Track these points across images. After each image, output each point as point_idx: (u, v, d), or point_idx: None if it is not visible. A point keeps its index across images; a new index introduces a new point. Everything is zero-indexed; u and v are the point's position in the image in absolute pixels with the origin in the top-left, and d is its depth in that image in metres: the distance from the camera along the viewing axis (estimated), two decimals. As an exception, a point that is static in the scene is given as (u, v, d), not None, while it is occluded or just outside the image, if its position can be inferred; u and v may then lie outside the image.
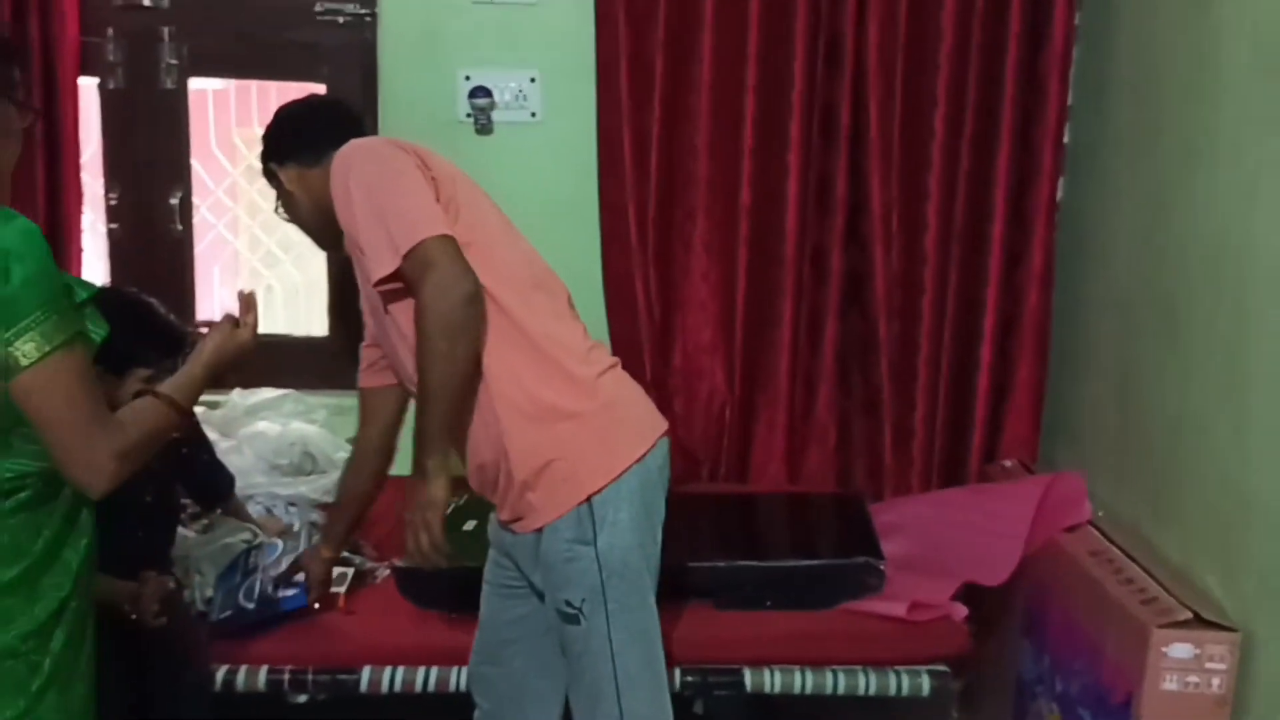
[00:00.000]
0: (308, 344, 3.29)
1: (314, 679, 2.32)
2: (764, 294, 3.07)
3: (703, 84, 2.97)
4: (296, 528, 2.78)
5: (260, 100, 3.40)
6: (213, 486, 2.67)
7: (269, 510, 2.85)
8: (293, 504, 2.92)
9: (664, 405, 3.09)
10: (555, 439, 1.91)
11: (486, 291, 1.88)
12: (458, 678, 2.30)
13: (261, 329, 1.95)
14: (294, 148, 2.11)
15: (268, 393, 3.12)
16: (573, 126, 3.08)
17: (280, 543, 2.67)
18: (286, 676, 2.32)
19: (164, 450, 2.42)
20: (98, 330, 1.63)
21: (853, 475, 3.16)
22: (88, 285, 1.64)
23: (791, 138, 2.96)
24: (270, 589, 2.39)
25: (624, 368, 2.10)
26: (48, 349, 1.47)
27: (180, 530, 2.59)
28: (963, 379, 3.06)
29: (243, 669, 2.32)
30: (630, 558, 1.91)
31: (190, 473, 2.58)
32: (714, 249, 3.07)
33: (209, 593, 2.50)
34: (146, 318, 2.31)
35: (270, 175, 2.16)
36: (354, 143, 2.01)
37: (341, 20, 3.09)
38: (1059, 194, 2.97)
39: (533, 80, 3.07)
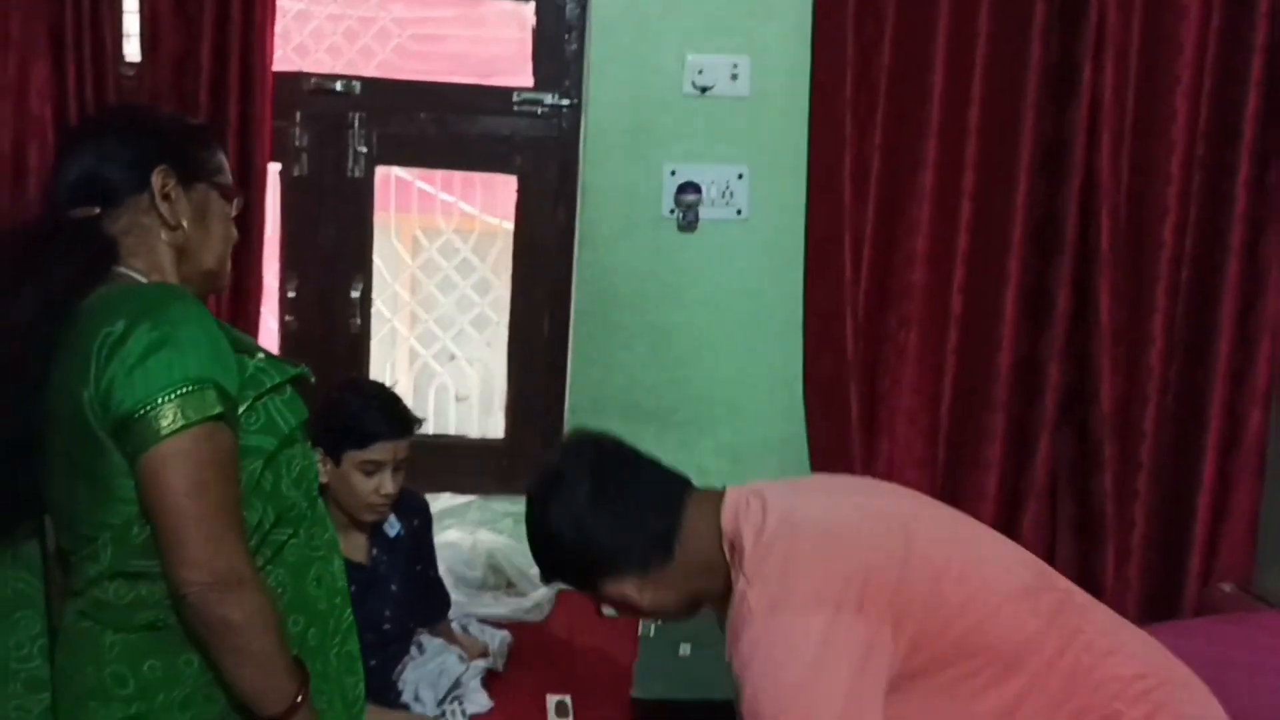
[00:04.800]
0: (485, 446, 3.12)
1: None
2: (973, 407, 2.95)
3: (925, 190, 2.86)
4: (494, 647, 2.61)
5: (444, 186, 3.26)
6: (435, 606, 2.48)
7: (464, 629, 2.66)
8: (484, 621, 2.73)
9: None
10: None
11: None
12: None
13: (436, 430, 1.79)
14: (618, 558, 1.66)
15: (449, 499, 2.94)
16: (780, 225, 2.96)
17: (484, 665, 2.52)
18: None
19: (403, 567, 2.31)
20: (287, 419, 1.49)
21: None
22: (283, 369, 1.51)
23: (1012, 243, 2.86)
24: None
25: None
26: (185, 422, 1.33)
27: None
28: (1183, 499, 2.94)
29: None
30: None
31: (420, 591, 2.40)
32: (926, 360, 2.94)
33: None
34: (365, 400, 2.25)
35: (594, 594, 1.75)
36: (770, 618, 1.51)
37: (540, 111, 2.98)
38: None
39: (740, 176, 2.96)
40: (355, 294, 2.98)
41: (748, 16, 2.91)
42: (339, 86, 2.93)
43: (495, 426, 3.14)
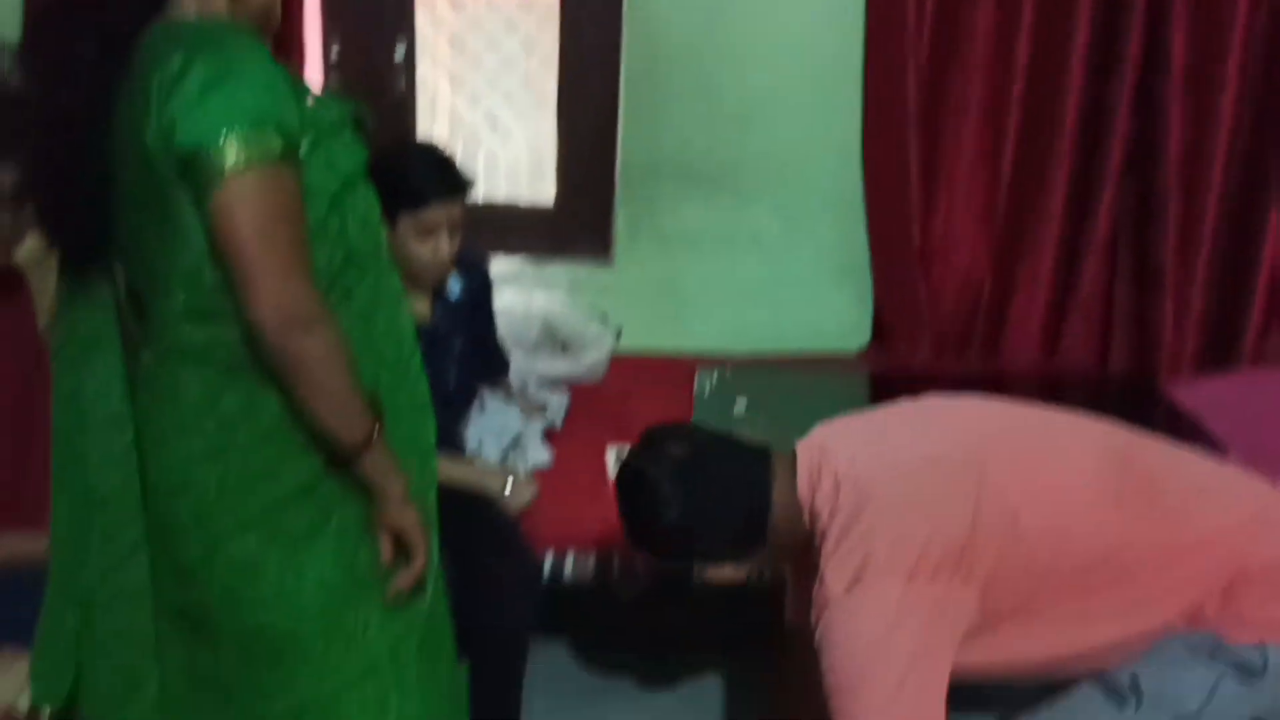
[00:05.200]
0: (535, 212, 3.10)
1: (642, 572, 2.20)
2: (1037, 158, 2.87)
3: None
4: (552, 406, 2.66)
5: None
6: (495, 365, 2.51)
7: (523, 388, 2.70)
8: (542, 381, 2.78)
9: (923, 273, 2.95)
10: None
11: None
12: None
13: (486, 196, 1.74)
14: (715, 552, 1.74)
15: (502, 262, 2.93)
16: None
17: (544, 422, 2.58)
18: (616, 564, 2.20)
19: (465, 328, 2.32)
20: (348, 160, 1.47)
21: (1115, 353, 3.00)
22: (340, 107, 1.48)
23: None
24: None
25: (884, 237, 1.90)
26: (249, 161, 1.32)
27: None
28: (1246, 251, 2.88)
29: (570, 555, 2.20)
30: None
31: (481, 351, 2.42)
32: (990, 109, 2.85)
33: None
34: (421, 159, 2.19)
35: None
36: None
37: None
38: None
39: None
40: (399, 57, 2.91)
41: None
42: None
43: (545, 193, 3.10)
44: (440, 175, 2.18)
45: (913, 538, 1.55)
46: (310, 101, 1.45)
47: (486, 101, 3.12)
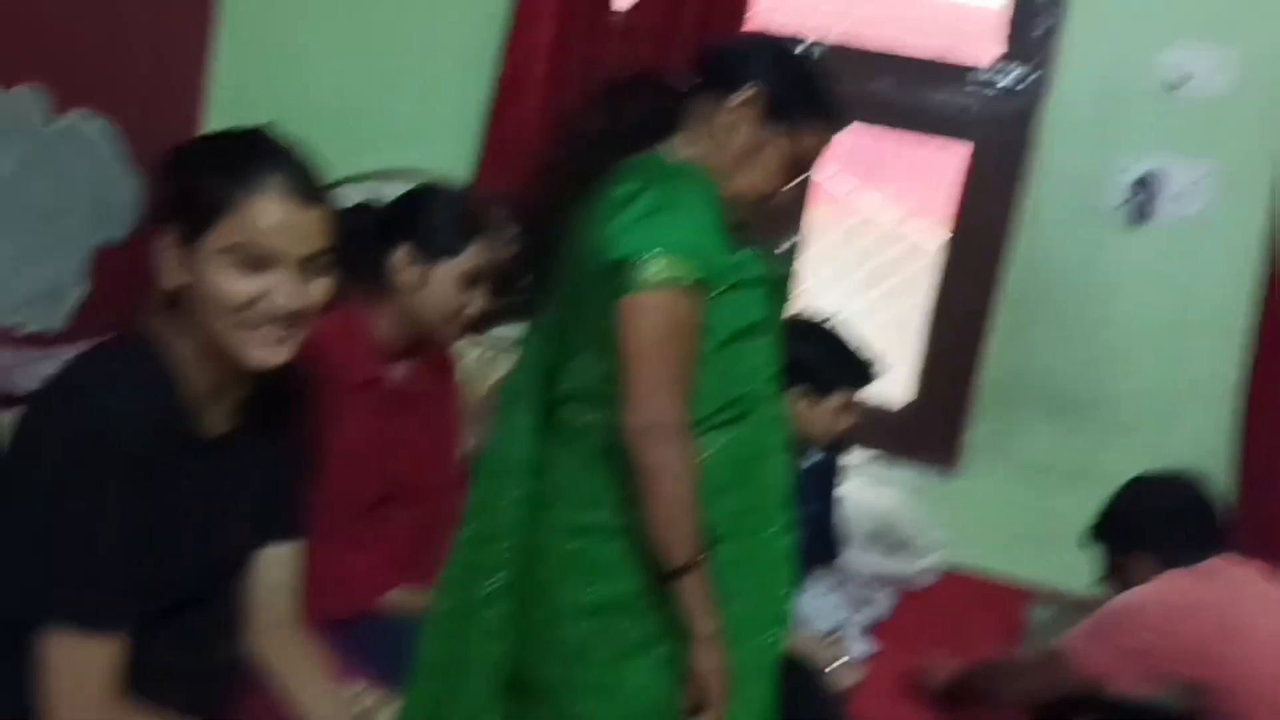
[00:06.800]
0: (887, 411, 3.15)
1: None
2: None
3: None
4: (873, 604, 2.65)
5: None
6: (830, 549, 2.54)
7: (849, 579, 2.70)
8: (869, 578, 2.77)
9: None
10: None
11: None
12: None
13: None
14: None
15: (849, 454, 2.98)
16: (1238, 228, 2.80)
17: (866, 615, 2.56)
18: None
19: (811, 500, 2.37)
20: (752, 313, 1.57)
21: None
22: (763, 268, 1.60)
23: None
24: None
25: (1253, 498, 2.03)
26: (666, 277, 1.45)
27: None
28: None
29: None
30: None
31: (818, 530, 2.46)
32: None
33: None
34: (846, 344, 2.26)
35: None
36: None
37: (995, 88, 2.96)
38: None
39: (1202, 175, 2.82)
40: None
41: (1237, 7, 2.78)
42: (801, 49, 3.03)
43: (896, 391, 3.14)
44: (858, 368, 2.25)
45: None
46: (742, 253, 1.59)
47: (857, 296, 3.26)
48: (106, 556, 1.19)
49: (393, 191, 2.17)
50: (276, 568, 1.46)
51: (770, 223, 1.70)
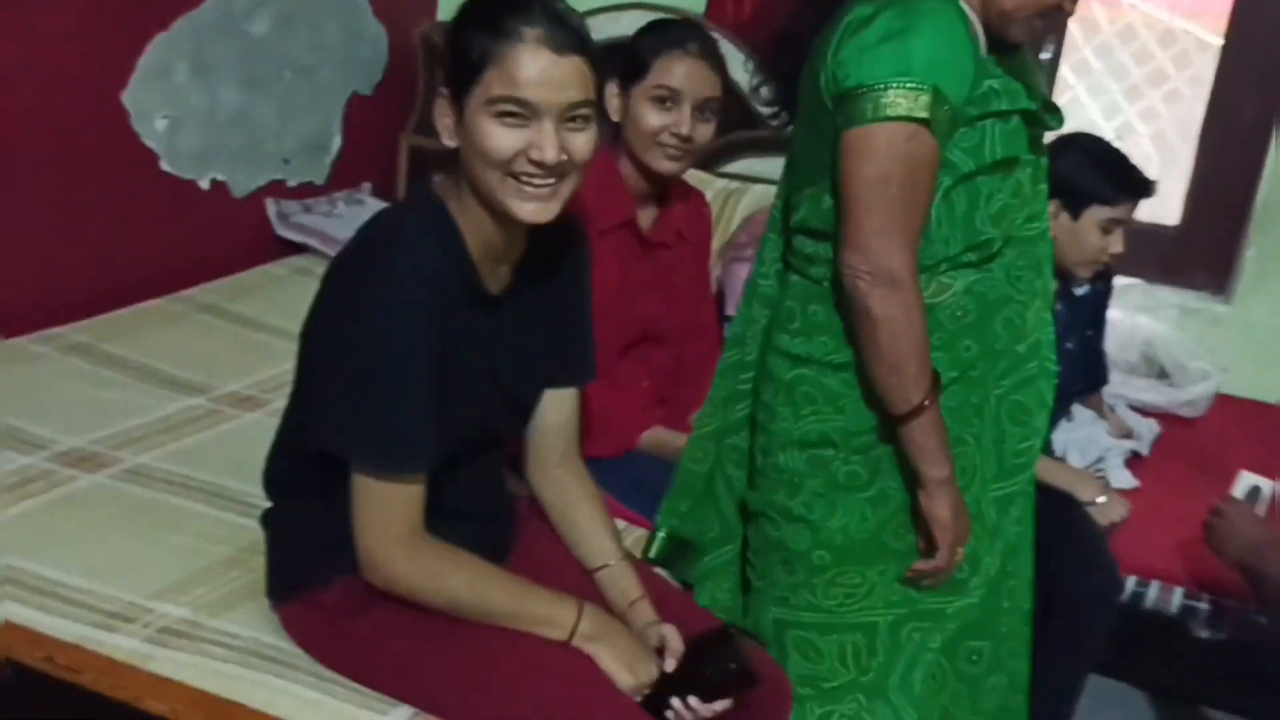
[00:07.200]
0: (1156, 232, 2.96)
1: (1231, 616, 2.05)
2: None
3: None
4: (1138, 435, 2.54)
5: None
6: (1096, 376, 2.45)
7: (1111, 408, 2.60)
8: (1135, 408, 2.66)
9: None
10: None
11: None
12: None
13: None
14: None
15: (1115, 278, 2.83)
16: None
17: (1130, 446, 2.47)
18: (1204, 607, 2.06)
19: (1079, 330, 2.28)
20: (1000, 148, 1.45)
21: None
22: (1018, 99, 1.46)
23: None
24: None
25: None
26: (891, 114, 1.36)
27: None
28: None
29: (1154, 585, 2.10)
30: None
31: (1087, 358, 2.38)
32: None
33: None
34: (1113, 156, 2.13)
35: None
36: None
37: None
38: None
39: None
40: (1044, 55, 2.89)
41: None
42: None
43: (1167, 210, 2.95)
44: (1124, 179, 2.12)
45: None
46: (992, 81, 1.44)
47: (1123, 113, 3.03)
48: (414, 403, 1.25)
49: (629, 25, 2.14)
50: (559, 408, 1.52)
51: (1031, 32, 1.52)
